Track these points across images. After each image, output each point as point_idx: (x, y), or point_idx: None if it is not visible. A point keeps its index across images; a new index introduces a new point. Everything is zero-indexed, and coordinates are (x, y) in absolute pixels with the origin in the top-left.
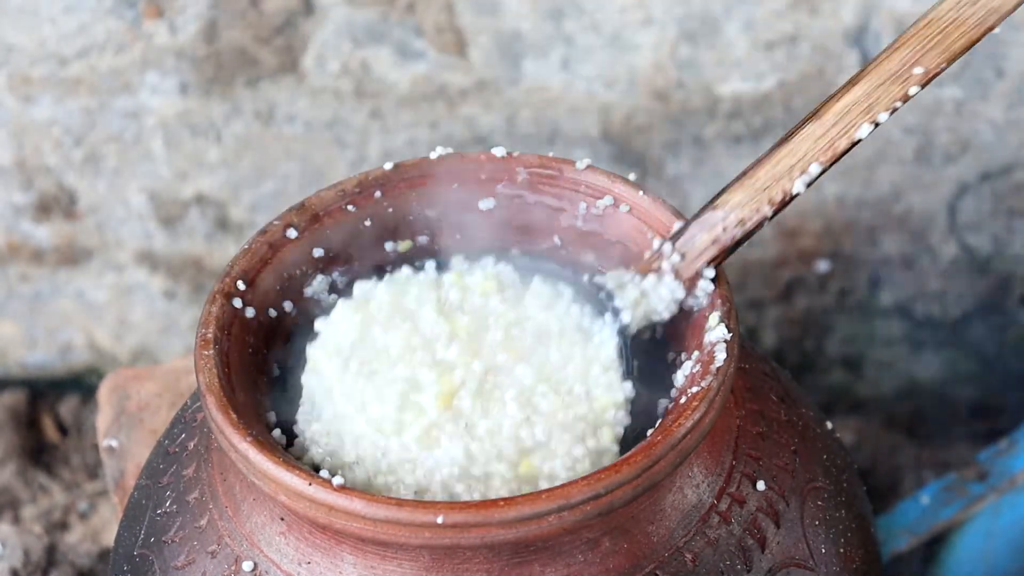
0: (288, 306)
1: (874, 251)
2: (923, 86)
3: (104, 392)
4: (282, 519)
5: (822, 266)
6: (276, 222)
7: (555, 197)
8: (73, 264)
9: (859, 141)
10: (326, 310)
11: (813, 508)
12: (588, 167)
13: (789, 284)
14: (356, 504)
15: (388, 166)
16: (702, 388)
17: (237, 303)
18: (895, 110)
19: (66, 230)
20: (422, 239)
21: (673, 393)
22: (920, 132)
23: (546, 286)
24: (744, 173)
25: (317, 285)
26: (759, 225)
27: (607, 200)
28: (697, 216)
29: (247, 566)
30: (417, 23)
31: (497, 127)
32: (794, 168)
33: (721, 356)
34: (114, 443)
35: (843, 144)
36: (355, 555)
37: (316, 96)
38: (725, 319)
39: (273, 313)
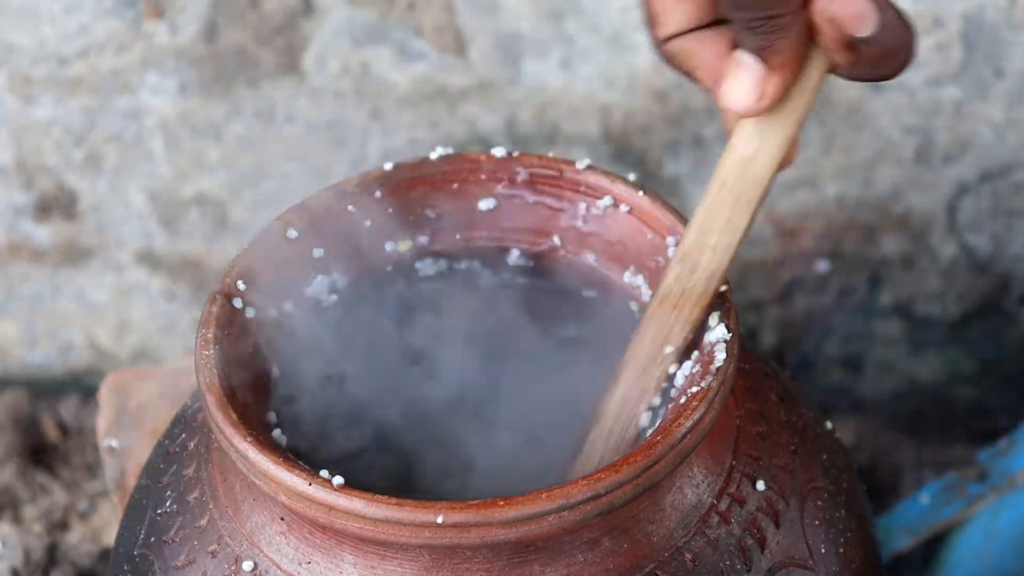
0: (289, 306)
1: (874, 251)
2: (680, 361)
3: (104, 392)
4: (282, 519)
5: (822, 266)
6: (276, 222)
7: (555, 197)
8: (73, 264)
9: (644, 428)
10: (326, 310)
11: (813, 508)
12: (588, 167)
13: (789, 284)
14: (356, 504)
15: (388, 166)
16: (702, 388)
17: (237, 303)
18: (664, 390)
19: (66, 230)
20: (422, 239)
21: (673, 393)
22: (920, 132)
23: None
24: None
25: (317, 285)
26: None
27: (607, 200)
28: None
29: (247, 566)
30: (417, 23)
31: (497, 127)
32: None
33: (721, 356)
34: (114, 443)
35: (630, 434)
36: (355, 555)
37: (316, 96)
38: (725, 319)
39: (273, 313)
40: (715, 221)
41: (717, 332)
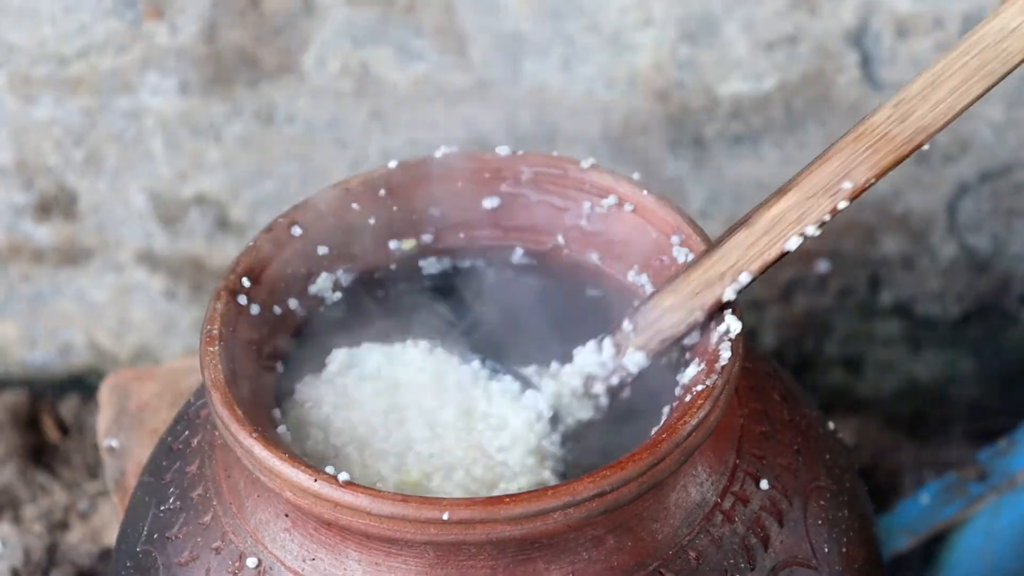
0: (293, 303)
1: (874, 251)
2: (852, 200)
3: (104, 392)
4: (287, 515)
5: (822, 266)
6: (281, 220)
7: (559, 196)
8: (73, 264)
9: (788, 252)
10: (330, 308)
11: (816, 507)
12: (593, 166)
13: (789, 284)
14: (361, 500)
15: (392, 164)
16: (707, 386)
17: (242, 300)
18: (824, 224)
19: (66, 230)
20: (426, 238)
21: (678, 391)
22: None
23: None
24: (677, 275)
25: (321, 283)
26: (692, 329)
27: (611, 199)
28: (633, 314)
29: (251, 562)
30: (417, 23)
31: (497, 127)
32: (725, 275)
33: (726, 355)
34: (114, 443)
35: (772, 254)
36: (360, 551)
37: (316, 96)
38: (730, 317)
39: (278, 310)
40: (947, 81)
41: (721, 330)
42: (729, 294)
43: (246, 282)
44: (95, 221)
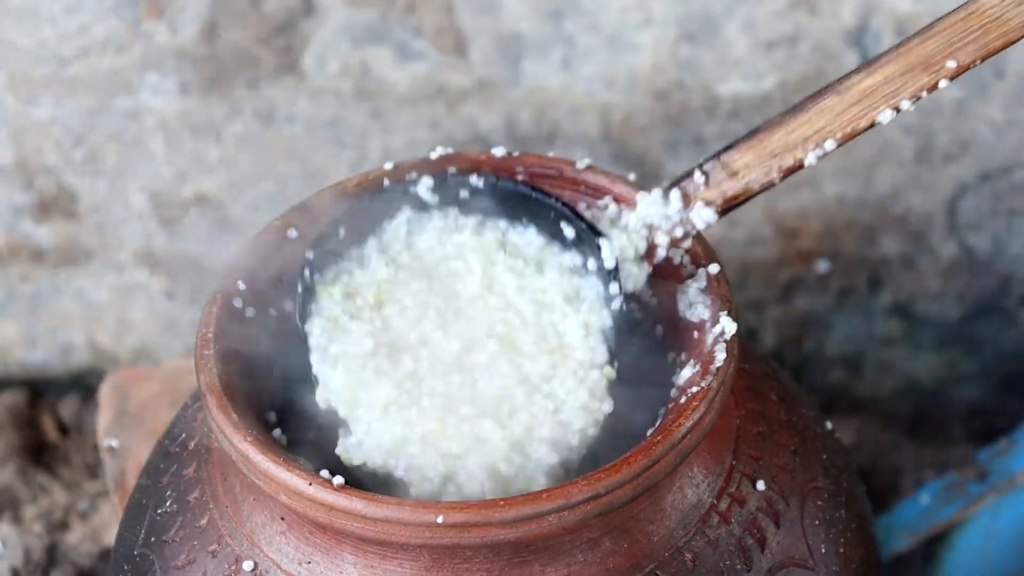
0: (289, 306)
1: (874, 251)
2: (952, 79)
3: (104, 392)
4: (282, 519)
5: (822, 266)
6: (277, 222)
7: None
8: (73, 264)
9: (878, 124)
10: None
11: (813, 508)
12: (588, 167)
13: (789, 284)
14: (356, 504)
15: (388, 166)
16: (702, 388)
17: (238, 303)
18: (919, 99)
19: (66, 230)
20: None
21: (673, 393)
22: (920, 132)
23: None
24: (754, 134)
25: None
26: (765, 189)
27: (607, 200)
28: (702, 165)
29: (247, 566)
30: (417, 23)
31: (497, 127)
32: (809, 140)
33: (721, 356)
34: (114, 443)
35: (863, 124)
36: (355, 555)
37: (316, 96)
38: (725, 319)
39: (274, 313)
40: None
41: (717, 332)
42: (811, 159)
43: (242, 285)
44: (95, 221)
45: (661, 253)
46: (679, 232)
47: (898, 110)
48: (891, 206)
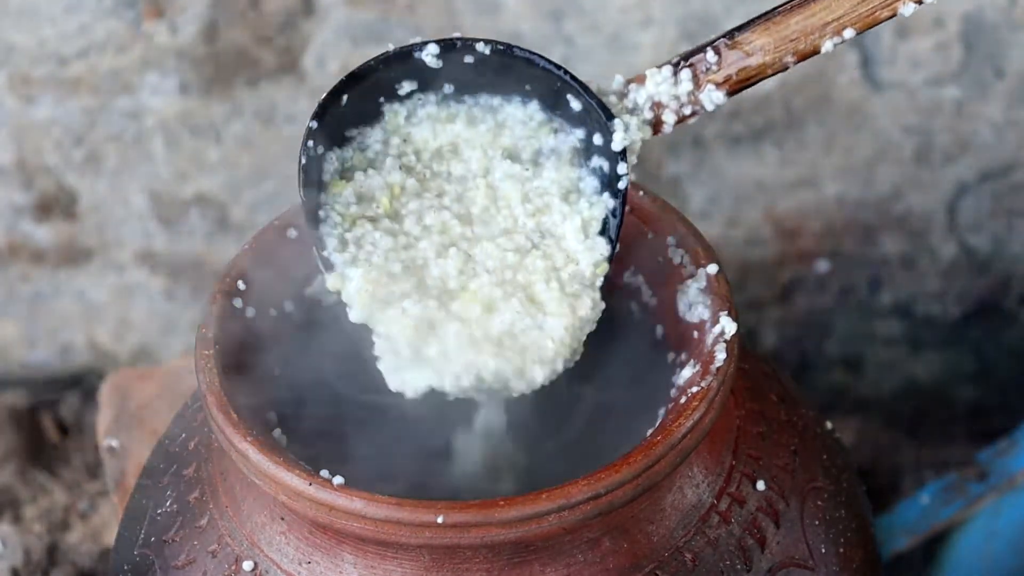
0: (289, 306)
1: (874, 251)
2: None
3: (104, 392)
4: (282, 519)
5: (822, 266)
6: (276, 222)
7: None
8: (73, 264)
9: (899, 15)
10: (327, 309)
11: (813, 508)
12: None
13: (789, 284)
14: (356, 504)
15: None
16: (702, 388)
17: (237, 303)
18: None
19: (66, 230)
20: None
21: (673, 393)
22: (920, 132)
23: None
24: (770, 15)
25: (317, 285)
26: (778, 72)
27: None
28: (714, 43)
29: (247, 566)
30: (417, 23)
31: None
32: (828, 26)
33: (721, 356)
34: (114, 443)
35: (884, 15)
36: (355, 555)
37: (316, 96)
38: (725, 319)
39: (273, 313)
40: None
41: (717, 332)
42: (828, 47)
43: (241, 285)
44: (95, 221)
45: (667, 130)
46: (687, 111)
47: (921, 3)
48: (891, 206)
